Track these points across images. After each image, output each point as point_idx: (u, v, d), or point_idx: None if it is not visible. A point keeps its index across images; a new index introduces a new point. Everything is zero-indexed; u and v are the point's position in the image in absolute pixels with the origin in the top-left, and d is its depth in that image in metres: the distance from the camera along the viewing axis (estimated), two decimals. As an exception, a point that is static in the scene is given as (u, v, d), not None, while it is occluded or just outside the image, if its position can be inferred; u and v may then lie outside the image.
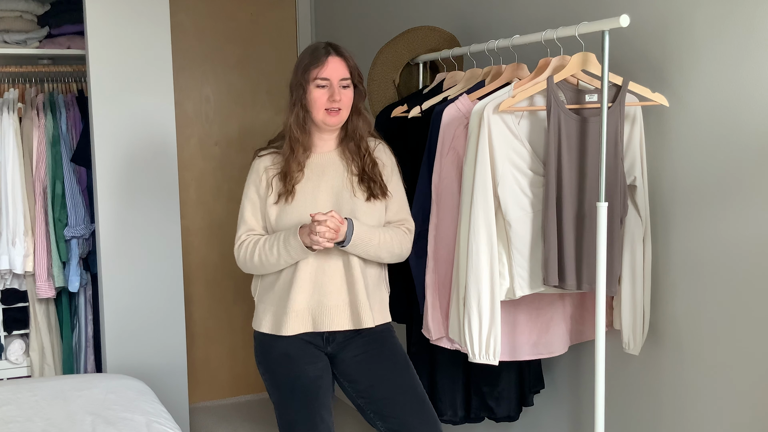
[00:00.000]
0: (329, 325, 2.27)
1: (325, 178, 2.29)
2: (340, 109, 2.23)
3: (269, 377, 2.33)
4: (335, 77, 2.22)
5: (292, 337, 2.27)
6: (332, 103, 2.21)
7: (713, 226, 2.11)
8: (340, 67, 2.23)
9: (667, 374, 2.29)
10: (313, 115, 2.25)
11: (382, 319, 2.35)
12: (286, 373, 2.28)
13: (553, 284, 2.17)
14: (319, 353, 2.32)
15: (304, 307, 2.26)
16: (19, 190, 3.53)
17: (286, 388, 2.27)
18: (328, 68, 2.21)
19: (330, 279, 2.26)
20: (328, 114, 2.23)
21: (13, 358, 3.69)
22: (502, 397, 2.58)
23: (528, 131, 2.20)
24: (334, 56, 2.23)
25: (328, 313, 2.26)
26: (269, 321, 2.30)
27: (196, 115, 4.12)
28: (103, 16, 3.29)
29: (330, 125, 2.26)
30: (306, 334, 2.29)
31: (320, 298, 2.26)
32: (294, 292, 2.24)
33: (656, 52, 2.23)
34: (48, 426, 2.27)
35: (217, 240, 4.14)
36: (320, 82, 2.21)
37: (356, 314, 2.27)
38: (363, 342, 2.32)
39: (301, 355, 2.29)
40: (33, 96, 3.69)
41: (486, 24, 2.92)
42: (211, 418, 3.98)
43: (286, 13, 4.28)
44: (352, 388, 2.34)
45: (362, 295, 2.26)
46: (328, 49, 2.24)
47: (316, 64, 2.22)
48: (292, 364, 2.28)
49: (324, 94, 2.22)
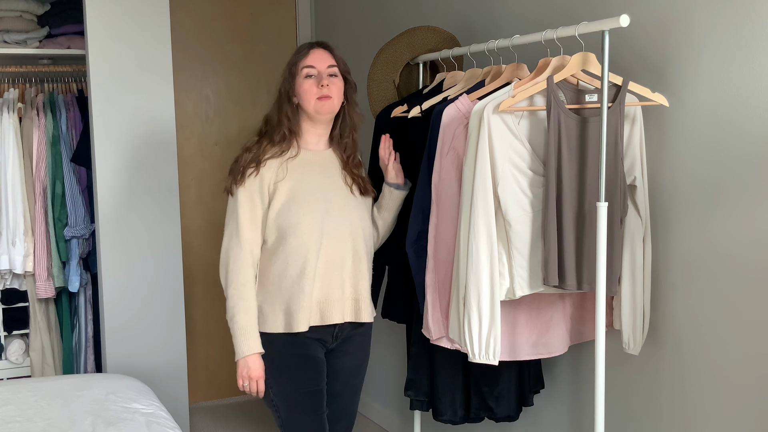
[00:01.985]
0: (334, 318, 2.31)
1: (327, 175, 2.34)
2: (331, 96, 2.27)
3: (283, 379, 2.30)
4: (322, 65, 2.28)
5: (306, 337, 2.28)
6: (321, 89, 2.25)
7: (713, 226, 2.11)
8: (325, 56, 2.30)
9: (667, 374, 2.29)
10: (305, 107, 2.28)
11: (374, 313, 2.44)
12: (306, 384, 2.31)
13: (553, 284, 2.17)
14: (323, 352, 2.36)
15: (315, 301, 2.28)
16: (19, 190, 3.53)
17: (302, 399, 2.30)
18: (313, 57, 2.29)
19: (339, 272, 2.30)
20: (320, 101, 2.26)
21: (13, 358, 3.69)
22: (502, 397, 2.58)
23: (528, 131, 2.20)
24: (317, 48, 2.31)
25: (337, 305, 2.30)
26: (282, 320, 2.28)
27: (196, 114, 4.12)
28: (103, 16, 3.29)
29: (322, 113, 2.28)
30: (318, 331, 2.30)
31: (329, 291, 2.30)
32: (308, 286, 2.26)
33: (656, 52, 2.23)
34: (48, 426, 2.27)
35: (217, 240, 4.09)
36: (308, 71, 2.27)
37: (358, 308, 2.35)
38: (358, 336, 2.41)
39: (321, 364, 2.33)
40: (33, 96, 3.69)
41: (486, 24, 2.92)
42: (211, 418, 3.98)
43: (286, 13, 4.28)
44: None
45: (365, 291, 2.35)
46: (311, 44, 2.34)
47: (301, 56, 2.30)
48: (315, 374, 2.32)
49: (313, 84, 2.27)
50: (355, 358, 2.44)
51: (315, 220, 2.26)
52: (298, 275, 2.26)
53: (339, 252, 2.30)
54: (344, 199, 2.33)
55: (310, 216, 2.26)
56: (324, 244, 2.27)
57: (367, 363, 2.51)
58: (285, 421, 2.32)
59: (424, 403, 2.66)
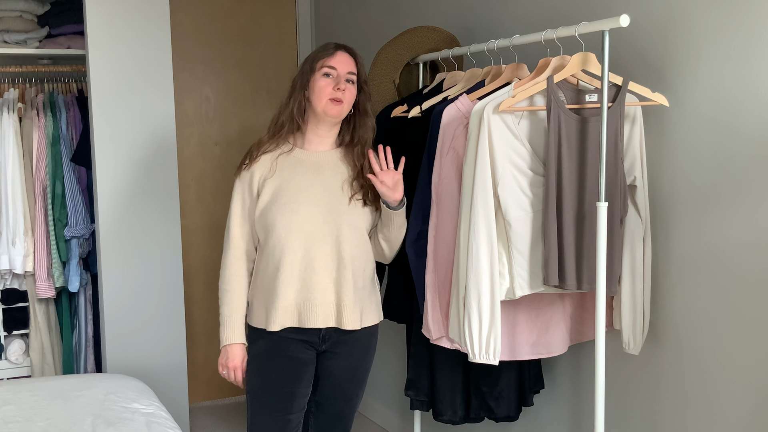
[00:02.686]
0: (313, 322, 2.25)
1: (320, 177, 2.28)
2: (342, 101, 2.24)
3: (256, 376, 2.31)
4: (342, 69, 2.25)
5: (288, 337, 2.26)
6: (336, 92, 2.22)
7: (713, 226, 2.12)
8: (348, 61, 2.27)
9: (667, 374, 2.29)
10: (315, 104, 2.25)
11: (369, 322, 2.36)
12: (277, 384, 2.29)
13: (554, 284, 2.17)
14: (310, 354, 2.32)
15: (292, 302, 2.25)
16: (19, 190, 3.53)
17: (268, 398, 2.30)
18: (336, 59, 2.25)
19: (319, 277, 2.24)
20: (331, 103, 2.23)
21: (13, 358, 3.69)
22: (502, 396, 2.58)
23: (528, 131, 2.20)
24: (344, 52, 2.28)
25: (317, 310, 2.24)
26: (264, 316, 2.28)
27: (196, 115, 4.12)
28: (103, 16, 3.29)
29: (331, 116, 2.25)
30: (301, 333, 2.27)
31: (309, 294, 2.24)
32: (283, 287, 2.23)
33: (656, 52, 2.23)
34: (48, 426, 2.27)
35: (217, 240, 4.10)
36: (327, 71, 2.24)
37: (340, 315, 2.27)
38: (352, 341, 2.33)
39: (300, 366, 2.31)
40: (33, 96, 3.69)
41: (486, 24, 2.92)
42: (211, 418, 3.98)
43: (286, 13, 4.28)
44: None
45: (348, 297, 2.26)
46: (338, 45, 2.29)
47: (325, 54, 2.26)
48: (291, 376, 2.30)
49: (329, 83, 2.24)
50: (348, 363, 2.35)
51: (295, 220, 2.22)
52: (273, 275, 2.24)
53: (322, 256, 2.24)
54: (337, 204, 2.26)
55: (291, 216, 2.22)
56: (305, 247, 2.23)
57: (367, 370, 2.42)
58: (249, 417, 2.32)
59: (424, 403, 2.66)
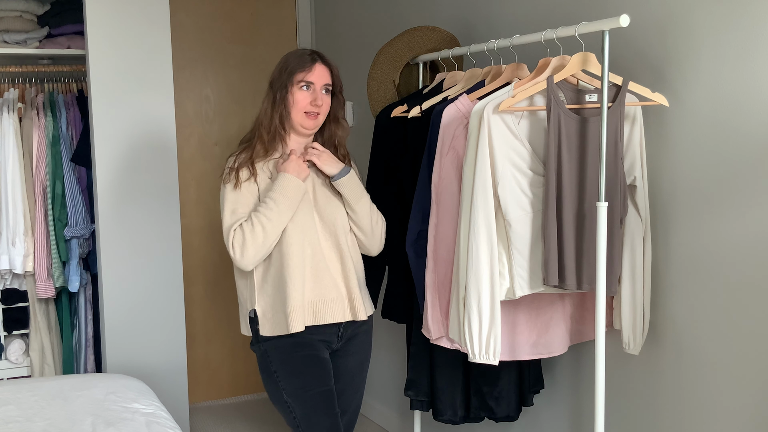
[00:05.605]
0: (328, 317, 2.32)
1: (308, 180, 2.34)
2: (319, 114, 2.32)
3: (294, 380, 2.31)
4: (319, 83, 2.31)
5: (310, 337, 2.30)
6: (313, 107, 2.30)
7: (713, 226, 2.12)
8: (325, 73, 2.33)
9: (667, 374, 2.29)
10: (292, 116, 2.32)
11: (371, 310, 2.48)
12: (316, 384, 2.31)
13: (553, 284, 2.17)
14: (327, 353, 2.37)
15: (308, 301, 2.30)
16: (19, 190, 3.53)
17: (316, 399, 2.31)
18: (314, 73, 2.30)
19: (329, 272, 2.33)
20: (307, 117, 2.31)
21: (13, 358, 3.69)
22: (502, 396, 2.58)
23: (528, 131, 2.20)
24: (321, 64, 2.33)
25: (331, 305, 2.32)
26: (284, 321, 2.28)
27: (196, 114, 4.12)
28: (103, 16, 3.29)
29: (306, 128, 2.33)
30: (320, 333, 2.32)
31: (322, 291, 2.31)
32: (298, 287, 2.27)
33: (656, 52, 2.23)
34: (48, 426, 2.27)
35: (217, 240, 4.13)
36: (304, 84, 2.29)
37: (353, 306, 2.36)
38: (362, 334, 2.44)
39: (327, 364, 2.35)
40: (33, 96, 3.69)
41: (486, 24, 2.92)
42: (211, 418, 3.98)
43: (286, 13, 4.28)
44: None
45: (356, 288, 2.36)
46: (314, 57, 2.33)
47: (302, 68, 2.30)
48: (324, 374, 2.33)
49: (306, 97, 2.30)
50: (358, 358, 2.46)
51: (295, 221, 2.28)
52: (281, 280, 2.28)
53: (326, 252, 2.33)
54: (326, 201, 2.36)
55: (295, 217, 2.28)
56: (308, 245, 2.30)
57: (369, 360, 2.53)
58: (301, 421, 2.31)
59: (424, 403, 2.66)
